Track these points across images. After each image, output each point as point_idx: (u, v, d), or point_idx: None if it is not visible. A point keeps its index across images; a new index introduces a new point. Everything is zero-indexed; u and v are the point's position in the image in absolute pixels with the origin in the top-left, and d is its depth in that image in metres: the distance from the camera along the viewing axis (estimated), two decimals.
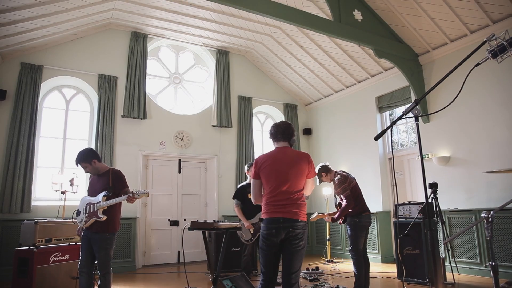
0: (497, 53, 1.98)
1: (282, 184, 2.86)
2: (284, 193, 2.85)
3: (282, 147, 3.03)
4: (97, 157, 3.74)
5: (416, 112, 2.20)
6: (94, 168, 3.72)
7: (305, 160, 2.96)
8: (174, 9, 7.25)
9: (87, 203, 3.62)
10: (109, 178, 3.66)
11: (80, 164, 3.71)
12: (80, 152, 3.72)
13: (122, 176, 3.75)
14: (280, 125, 3.07)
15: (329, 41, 7.58)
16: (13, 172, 6.27)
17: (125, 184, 3.71)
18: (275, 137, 3.06)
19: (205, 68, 9.20)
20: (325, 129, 9.47)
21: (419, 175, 7.08)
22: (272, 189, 2.88)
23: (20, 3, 5.64)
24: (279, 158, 2.95)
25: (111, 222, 3.59)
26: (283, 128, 3.04)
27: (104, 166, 3.81)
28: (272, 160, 2.95)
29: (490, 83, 5.84)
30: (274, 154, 2.99)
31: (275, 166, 2.91)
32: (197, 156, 8.40)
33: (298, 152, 3.04)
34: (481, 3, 5.56)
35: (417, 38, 6.71)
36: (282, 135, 3.04)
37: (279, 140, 3.05)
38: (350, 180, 4.59)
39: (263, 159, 2.99)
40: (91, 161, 3.69)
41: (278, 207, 2.82)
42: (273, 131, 3.07)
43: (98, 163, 3.74)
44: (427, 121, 6.80)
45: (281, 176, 2.87)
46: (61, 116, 7.37)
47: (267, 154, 3.02)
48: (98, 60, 7.55)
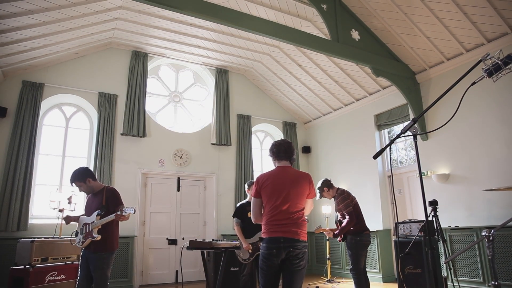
0: (492, 72, 2.01)
1: (283, 204, 2.83)
2: (285, 213, 2.82)
3: (284, 166, 3.01)
4: (91, 175, 3.70)
5: (414, 130, 2.21)
6: (88, 187, 3.67)
7: (306, 180, 2.95)
8: (174, 28, 7.37)
9: (84, 223, 3.59)
10: (103, 196, 3.63)
11: (74, 183, 3.66)
12: (74, 171, 3.67)
13: (117, 193, 3.71)
14: (282, 143, 3.06)
15: (327, 60, 7.68)
16: (11, 189, 6.24)
17: (119, 202, 3.65)
18: (277, 155, 3.04)
19: (205, 87, 9.28)
20: (324, 147, 9.49)
21: (419, 193, 7.06)
22: (272, 208, 2.85)
23: (24, 22, 5.73)
24: (280, 178, 2.93)
25: (108, 241, 3.54)
26: (285, 147, 3.03)
27: (99, 184, 3.76)
28: (274, 179, 2.92)
29: (488, 101, 5.89)
30: (276, 173, 2.97)
31: (276, 185, 2.89)
32: (196, 174, 8.38)
33: (300, 172, 3.04)
34: (475, 22, 5.66)
35: (414, 57, 6.80)
36: (284, 154, 3.02)
37: (281, 159, 3.03)
38: (353, 198, 4.59)
39: (264, 178, 2.96)
40: (85, 180, 3.64)
41: (278, 227, 2.79)
42: (275, 149, 3.04)
43: (93, 181, 3.70)
44: (426, 139, 6.82)
45: (283, 196, 2.85)
46: (60, 134, 7.38)
47: (269, 173, 3.00)
48: (99, 78, 7.62)
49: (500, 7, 5.28)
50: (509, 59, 1.96)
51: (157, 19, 6.99)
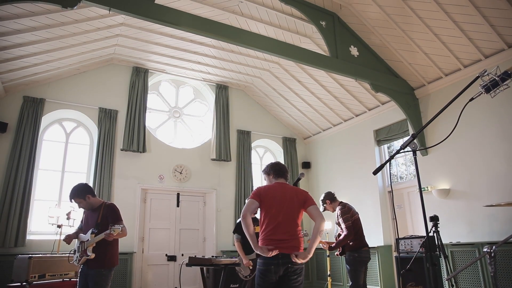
0: (490, 88, 2.03)
1: (281, 218, 2.87)
2: (284, 228, 2.83)
3: (283, 183, 3.13)
4: (91, 192, 3.67)
5: (413, 146, 2.22)
6: (88, 203, 3.64)
7: (303, 195, 3.04)
8: (175, 45, 7.45)
9: (81, 241, 3.56)
10: (100, 213, 3.59)
11: (74, 200, 3.62)
12: (74, 187, 3.64)
13: (115, 209, 3.66)
14: (279, 163, 3.29)
15: (327, 76, 7.74)
16: (9, 205, 6.20)
17: (117, 218, 3.59)
18: (277, 173, 3.18)
19: (205, 102, 9.33)
20: (324, 163, 9.48)
21: (419, 208, 7.01)
22: (270, 223, 2.87)
23: (27, 39, 5.80)
24: (280, 192, 3.01)
25: (107, 257, 3.50)
26: (283, 166, 3.25)
27: (98, 200, 3.72)
28: (274, 193, 2.99)
29: (487, 116, 5.91)
30: (276, 187, 3.05)
31: (276, 198, 2.95)
32: (196, 190, 8.35)
33: (297, 189, 3.13)
34: (472, 39, 5.73)
35: (412, 73, 6.86)
36: (283, 172, 3.20)
37: (279, 177, 3.17)
38: (353, 213, 4.57)
39: (266, 190, 3.03)
40: (85, 196, 3.61)
41: (276, 242, 2.78)
42: (277, 167, 3.21)
43: (92, 198, 3.66)
44: (425, 154, 6.82)
45: (282, 210, 2.90)
46: (60, 149, 7.39)
47: (269, 186, 3.08)
48: (99, 94, 7.67)
49: (496, 24, 5.36)
50: (506, 75, 1.97)
51: (158, 36, 7.07)
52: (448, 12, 5.52)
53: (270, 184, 3.13)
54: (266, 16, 6.74)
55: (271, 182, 3.18)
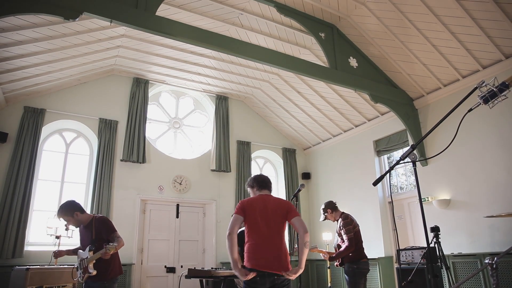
0: (488, 99, 2.04)
1: (266, 233, 2.86)
2: (268, 244, 2.84)
3: (265, 195, 3.13)
4: (79, 209, 3.61)
5: (413, 157, 2.22)
6: (77, 220, 3.58)
7: (286, 205, 3.06)
8: (175, 56, 7.51)
9: (81, 258, 3.55)
10: (93, 229, 3.55)
11: (62, 218, 3.57)
12: (61, 206, 3.58)
13: (106, 222, 3.62)
14: (263, 175, 3.31)
15: (326, 87, 7.78)
16: (7, 215, 6.17)
17: (111, 229, 3.56)
18: (261, 185, 3.19)
19: (205, 113, 9.36)
20: (324, 173, 9.46)
21: (420, 219, 6.95)
22: (254, 237, 2.86)
23: (29, 50, 5.85)
24: (264, 203, 3.01)
25: (109, 269, 3.49)
26: (267, 178, 3.27)
27: (87, 216, 3.65)
28: (258, 205, 2.99)
29: (486, 126, 5.93)
30: (260, 199, 3.05)
31: (259, 212, 2.94)
32: (196, 201, 8.32)
33: (280, 199, 3.14)
34: (470, 50, 5.78)
35: (411, 83, 6.90)
36: (267, 184, 3.21)
37: (263, 189, 3.18)
38: (355, 224, 4.55)
39: (249, 203, 3.01)
40: (73, 214, 3.55)
41: (263, 262, 2.79)
42: (260, 179, 3.22)
43: (81, 214, 3.59)
44: (425, 164, 6.82)
45: (265, 224, 2.89)
46: (60, 159, 7.38)
47: (252, 199, 3.08)
48: (100, 104, 7.70)
49: (493, 35, 5.41)
50: (504, 86, 1.99)
51: (158, 47, 7.13)
52: (445, 24, 5.58)
53: (253, 197, 3.12)
54: (265, 28, 6.80)
55: (255, 195, 3.17)
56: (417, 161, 2.24)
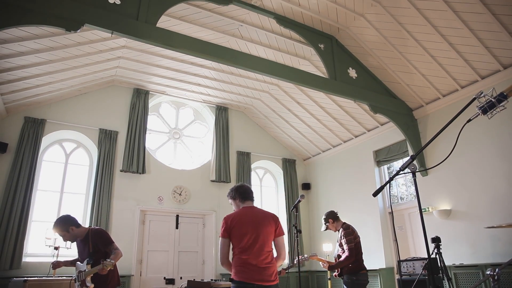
0: (486, 110, 2.04)
1: (254, 244, 2.80)
2: (256, 252, 2.79)
3: (251, 206, 3.03)
4: (74, 223, 3.58)
5: (413, 167, 2.22)
6: (72, 235, 3.55)
7: (272, 219, 2.99)
8: (176, 67, 7.55)
9: (79, 270, 3.52)
10: (89, 242, 3.53)
11: (57, 233, 3.55)
12: (56, 221, 3.56)
13: (103, 234, 3.59)
14: (244, 185, 3.17)
15: (326, 97, 7.81)
16: (6, 226, 6.13)
17: (107, 242, 3.53)
18: (243, 196, 3.07)
19: (205, 124, 9.38)
20: (324, 184, 9.44)
21: (421, 229, 6.94)
22: (244, 249, 2.80)
23: (30, 61, 5.89)
24: (249, 217, 2.91)
25: (106, 281, 3.46)
26: (247, 188, 3.14)
27: (83, 229, 3.62)
28: (243, 219, 2.89)
29: (486, 136, 5.94)
30: (244, 213, 2.95)
31: (246, 224, 2.85)
32: (195, 212, 8.29)
33: (266, 211, 3.07)
34: (468, 60, 5.83)
35: (410, 94, 6.93)
36: (248, 194, 3.10)
37: (245, 200, 3.07)
38: (356, 235, 4.53)
39: (233, 218, 2.90)
40: (68, 229, 3.52)
41: (251, 266, 2.75)
42: (241, 190, 3.10)
43: (76, 229, 3.56)
44: (425, 174, 6.81)
45: (253, 235, 2.82)
46: (60, 170, 7.37)
47: (236, 213, 2.97)
48: (100, 115, 7.72)
49: (491, 45, 5.45)
50: (502, 96, 1.99)
51: (159, 58, 7.18)
52: (444, 35, 5.63)
53: (237, 211, 3.00)
54: (265, 39, 6.86)
55: (238, 207, 3.07)
56: (417, 171, 2.24)
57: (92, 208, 6.99)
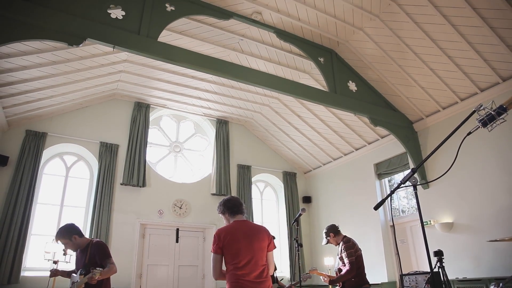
0: (486, 122, 2.04)
1: (248, 258, 2.75)
2: (251, 268, 2.74)
3: (242, 220, 2.96)
4: (78, 232, 3.58)
5: (413, 181, 2.21)
6: (74, 244, 3.54)
7: (266, 233, 2.93)
8: (177, 81, 7.60)
9: (72, 281, 3.49)
10: (87, 253, 3.50)
11: (60, 241, 3.54)
12: (60, 228, 3.56)
13: (102, 247, 3.56)
14: (233, 198, 3.06)
15: (326, 110, 7.84)
16: (5, 240, 6.08)
17: (105, 255, 3.50)
18: (233, 210, 2.98)
19: (205, 137, 9.39)
20: (325, 197, 9.40)
21: (423, 243, 6.87)
22: (238, 265, 2.74)
23: (33, 75, 5.94)
24: (242, 231, 2.85)
25: None
26: (237, 201, 3.03)
27: (85, 240, 3.62)
28: (235, 234, 2.82)
29: (487, 149, 5.93)
30: (237, 227, 2.88)
31: (239, 239, 2.79)
32: (196, 225, 8.24)
33: (258, 225, 3.02)
34: (467, 73, 5.86)
35: (410, 106, 6.95)
36: (238, 208, 3.00)
37: (236, 213, 2.98)
38: (357, 248, 4.49)
39: (225, 233, 2.83)
40: (71, 237, 3.51)
41: (246, 283, 2.70)
42: (230, 204, 3.00)
43: (79, 238, 3.56)
44: (427, 187, 6.78)
45: (248, 251, 2.77)
46: (60, 183, 7.36)
47: (229, 227, 2.89)
48: (101, 128, 7.74)
49: (489, 58, 5.50)
50: (502, 109, 2.00)
51: (160, 72, 7.24)
52: (442, 48, 5.68)
53: (229, 225, 2.92)
54: (265, 53, 6.92)
55: (228, 221, 3.00)
56: (417, 184, 2.23)
57: (92, 221, 6.95)
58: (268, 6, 5.71)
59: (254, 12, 5.81)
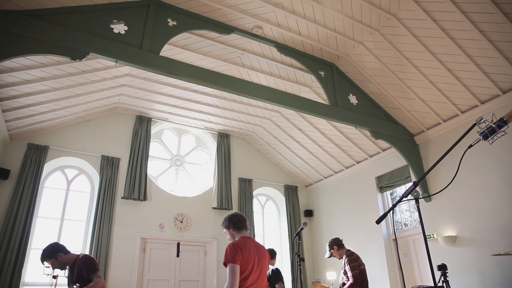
0: (487, 135, 2.05)
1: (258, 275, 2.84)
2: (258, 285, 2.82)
3: (249, 237, 3.03)
4: (63, 250, 3.55)
5: (415, 194, 2.20)
6: (61, 262, 3.52)
7: (268, 253, 3.07)
8: (178, 94, 7.65)
9: None
10: (75, 268, 3.47)
11: (46, 262, 3.50)
12: (43, 250, 3.53)
13: (87, 261, 3.52)
14: (238, 214, 3.13)
15: (327, 123, 7.85)
16: (4, 254, 6.03)
17: (91, 269, 3.44)
18: (239, 225, 3.05)
19: (206, 151, 9.39)
20: (327, 210, 9.34)
21: (426, 256, 6.80)
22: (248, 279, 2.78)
23: (35, 88, 5.98)
24: (253, 248, 2.91)
25: None
26: (242, 217, 3.11)
27: (72, 256, 3.59)
28: (249, 249, 2.87)
29: (488, 161, 5.90)
30: (248, 243, 2.92)
31: (253, 256, 2.86)
32: (197, 239, 8.17)
33: (262, 245, 3.11)
34: (467, 85, 5.88)
35: (411, 119, 6.96)
36: (243, 223, 3.07)
37: (241, 229, 3.05)
38: (361, 262, 4.45)
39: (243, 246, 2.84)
40: (57, 256, 3.49)
41: None
42: (235, 219, 3.07)
43: (65, 256, 3.54)
44: (429, 200, 6.74)
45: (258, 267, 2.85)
46: (61, 197, 7.34)
47: (243, 242, 2.90)
48: (102, 142, 7.76)
49: (489, 71, 5.52)
50: (502, 122, 2.00)
51: (161, 86, 7.28)
52: (442, 61, 5.72)
53: (242, 240, 2.93)
54: (266, 67, 6.98)
55: (233, 236, 3.05)
56: (419, 198, 2.22)
57: (93, 235, 6.91)
58: (269, 21, 5.78)
59: (255, 27, 5.88)
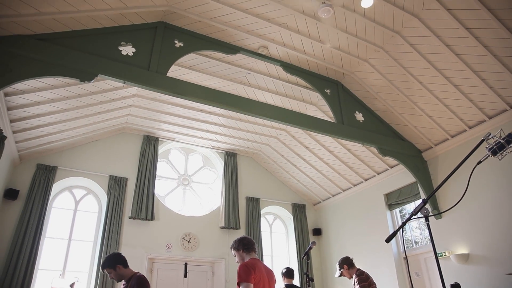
0: (496, 151, 2.03)
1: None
2: None
3: (258, 259, 3.14)
4: (122, 262, 3.51)
5: (425, 212, 2.17)
6: (118, 274, 3.48)
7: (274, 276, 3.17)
8: (185, 114, 7.72)
9: None
10: (128, 285, 3.41)
11: (105, 270, 3.51)
12: (106, 257, 3.56)
13: (143, 282, 3.44)
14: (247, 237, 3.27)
15: (334, 141, 7.84)
16: (12, 275, 5.99)
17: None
18: (249, 248, 3.18)
19: (214, 170, 9.40)
20: (335, 229, 9.22)
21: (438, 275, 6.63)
22: None
23: (45, 110, 6.08)
24: (262, 270, 3.03)
25: None
26: (253, 241, 3.27)
27: (130, 272, 3.54)
28: (262, 271, 3.00)
29: (499, 177, 5.81)
30: (258, 265, 3.03)
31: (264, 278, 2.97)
32: (204, 259, 8.08)
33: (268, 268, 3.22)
34: (474, 101, 5.86)
35: (418, 135, 6.92)
36: (253, 246, 3.21)
37: (250, 251, 3.17)
38: (371, 282, 4.37)
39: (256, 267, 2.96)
40: (115, 267, 3.46)
41: None
42: (246, 241, 3.21)
43: (124, 269, 3.50)
44: (439, 217, 6.63)
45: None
46: (69, 217, 7.35)
47: (254, 263, 3.02)
48: (110, 162, 7.81)
49: (495, 86, 5.51)
50: (511, 137, 1.98)
51: (168, 106, 7.36)
52: (447, 77, 5.73)
53: (252, 261, 3.03)
54: (272, 86, 7.03)
55: (242, 258, 3.16)
56: (429, 215, 2.19)
57: (100, 255, 6.87)
58: (274, 41, 5.87)
59: (261, 47, 5.96)
